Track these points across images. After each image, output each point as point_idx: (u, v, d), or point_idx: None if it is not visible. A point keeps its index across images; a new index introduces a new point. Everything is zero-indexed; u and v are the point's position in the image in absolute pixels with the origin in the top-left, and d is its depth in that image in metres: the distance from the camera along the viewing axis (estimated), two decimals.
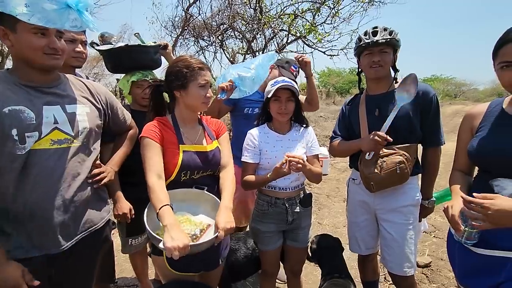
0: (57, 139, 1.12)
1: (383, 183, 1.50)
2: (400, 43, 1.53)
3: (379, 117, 1.56)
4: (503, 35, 1.04)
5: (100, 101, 1.33)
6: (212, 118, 1.55)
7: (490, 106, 1.20)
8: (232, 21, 5.93)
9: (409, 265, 1.56)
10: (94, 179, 1.26)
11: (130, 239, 1.86)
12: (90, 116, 1.25)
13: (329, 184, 4.90)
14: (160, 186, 1.19)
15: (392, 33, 1.48)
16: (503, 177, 1.04)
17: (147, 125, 1.32)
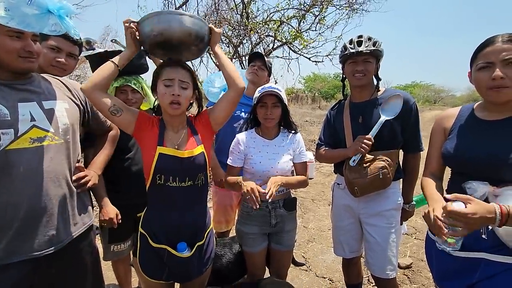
0: (37, 137, 1.08)
1: (366, 188, 1.54)
2: (383, 53, 1.58)
3: (363, 124, 1.61)
4: (485, 40, 1.07)
5: (79, 98, 1.30)
6: None
7: (462, 110, 1.25)
8: (219, 26, 5.95)
9: (391, 267, 1.61)
10: (78, 183, 1.22)
11: (113, 246, 1.82)
12: (70, 112, 1.21)
13: (315, 188, 4.96)
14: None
15: (376, 44, 1.53)
16: (476, 179, 1.08)
17: None
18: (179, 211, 1.29)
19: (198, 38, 1.25)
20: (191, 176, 1.28)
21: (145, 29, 1.21)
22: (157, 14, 1.20)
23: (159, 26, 1.18)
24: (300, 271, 2.60)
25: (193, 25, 1.21)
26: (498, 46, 1.01)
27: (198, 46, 1.30)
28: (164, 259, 1.27)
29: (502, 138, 1.05)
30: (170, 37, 1.20)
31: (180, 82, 1.24)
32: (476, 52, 1.09)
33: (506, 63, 0.99)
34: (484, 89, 1.06)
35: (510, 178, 1.01)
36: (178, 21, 1.19)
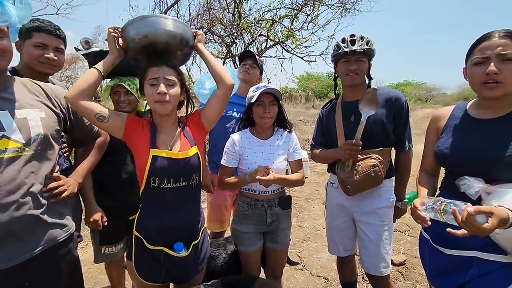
0: (5, 148, 1.02)
1: (359, 186, 1.55)
2: (375, 52, 1.59)
3: (355, 123, 1.61)
4: (482, 35, 1.06)
5: (60, 105, 1.23)
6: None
7: (455, 108, 1.25)
8: (211, 25, 5.92)
9: (385, 265, 1.62)
10: (50, 193, 1.16)
11: (104, 248, 1.79)
12: (46, 121, 1.15)
13: (309, 187, 4.98)
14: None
15: (369, 43, 1.53)
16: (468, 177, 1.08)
17: None
18: (174, 212, 1.28)
19: (183, 42, 1.25)
20: (185, 177, 1.27)
21: (130, 34, 1.20)
22: (142, 17, 1.19)
23: (144, 29, 1.18)
24: (295, 270, 2.60)
25: (177, 28, 1.22)
26: (494, 41, 1.01)
27: (183, 51, 1.30)
28: (161, 260, 1.26)
29: (495, 137, 1.05)
30: (156, 40, 1.19)
31: (166, 80, 1.21)
32: (472, 47, 1.09)
33: (501, 59, 0.99)
34: (477, 84, 1.06)
35: (502, 177, 1.02)
36: (163, 24, 1.19)
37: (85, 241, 3.14)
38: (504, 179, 1.01)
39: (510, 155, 0.99)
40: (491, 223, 0.88)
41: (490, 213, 0.89)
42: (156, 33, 1.18)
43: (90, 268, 2.66)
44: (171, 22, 1.20)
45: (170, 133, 1.30)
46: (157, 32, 1.18)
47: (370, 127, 1.56)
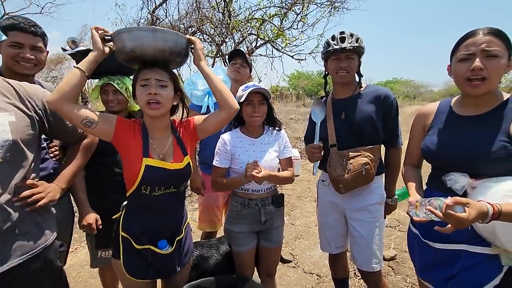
0: None
1: (350, 185, 1.57)
2: (364, 50, 1.60)
3: (345, 120, 1.63)
4: (466, 33, 1.08)
5: (34, 106, 1.11)
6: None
7: (440, 105, 1.27)
8: (201, 24, 5.88)
9: (377, 261, 1.64)
10: (24, 202, 1.06)
11: (100, 251, 1.77)
12: (16, 125, 1.03)
13: (301, 185, 5.01)
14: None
15: (358, 40, 1.54)
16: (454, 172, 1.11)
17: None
18: (162, 215, 1.29)
19: (173, 54, 1.21)
20: (176, 185, 1.29)
21: (117, 45, 1.18)
22: (128, 30, 1.16)
23: (130, 43, 1.15)
24: (288, 268, 2.62)
25: (166, 41, 1.17)
26: (479, 37, 1.03)
27: (175, 60, 1.27)
28: (148, 258, 1.27)
29: (478, 134, 1.08)
30: (143, 54, 1.17)
31: (157, 81, 1.18)
32: (457, 44, 1.10)
33: (485, 55, 1.01)
34: (462, 80, 1.07)
35: (486, 172, 1.04)
36: (150, 38, 1.14)
37: (74, 245, 3.09)
38: (488, 174, 1.04)
39: (493, 151, 1.02)
40: (468, 212, 0.91)
41: (467, 203, 0.93)
42: (143, 47, 1.15)
43: (80, 272, 2.61)
44: (159, 36, 1.15)
45: (162, 139, 1.28)
46: (144, 47, 1.15)
47: (359, 125, 1.58)
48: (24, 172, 1.08)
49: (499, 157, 1.01)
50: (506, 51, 1.01)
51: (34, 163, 1.13)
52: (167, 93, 1.21)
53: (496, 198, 0.97)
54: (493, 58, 1.00)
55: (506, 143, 1.01)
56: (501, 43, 1.01)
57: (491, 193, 0.99)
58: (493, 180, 1.02)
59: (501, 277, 1.02)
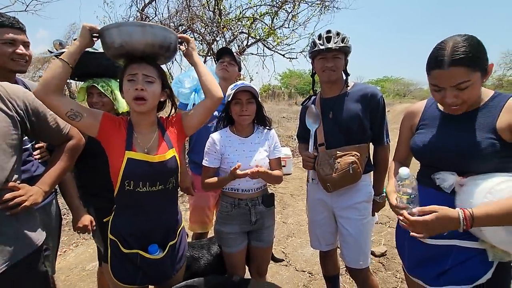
0: None
1: (338, 184, 1.58)
2: (351, 49, 1.61)
3: (333, 119, 1.64)
4: (433, 55, 1.04)
5: (15, 107, 1.08)
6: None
7: (427, 104, 1.29)
8: (191, 22, 5.82)
9: (364, 257, 1.66)
10: (5, 206, 1.02)
11: None
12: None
13: (293, 184, 5.03)
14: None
15: (345, 39, 1.55)
16: (443, 171, 1.13)
17: None
18: (150, 215, 1.26)
19: (162, 48, 1.22)
20: (162, 181, 1.25)
21: (106, 40, 1.17)
22: (117, 25, 1.15)
23: (119, 38, 1.14)
24: (280, 266, 2.63)
25: (156, 36, 1.18)
26: (444, 72, 1.00)
27: (164, 55, 1.27)
28: (137, 263, 1.24)
29: (464, 132, 1.09)
30: (132, 49, 1.17)
31: (144, 77, 1.18)
32: (427, 66, 1.08)
33: (455, 88, 1.01)
34: (442, 104, 1.11)
35: (475, 169, 1.05)
36: (139, 33, 1.15)
37: (62, 248, 3.04)
38: (475, 172, 1.06)
39: (480, 148, 1.03)
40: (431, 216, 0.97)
41: (432, 210, 0.99)
42: (132, 42, 1.15)
43: (69, 275, 2.58)
44: (148, 31, 1.16)
45: (147, 134, 1.27)
46: (133, 42, 1.15)
47: (347, 124, 1.59)
48: (6, 175, 1.04)
49: (486, 154, 1.02)
50: (478, 73, 0.99)
51: (16, 165, 1.09)
52: (154, 89, 1.20)
53: (482, 196, 0.98)
54: (464, 89, 1.01)
55: (492, 140, 1.02)
56: (470, 69, 0.97)
57: (478, 191, 1.00)
58: (481, 178, 1.03)
59: (493, 271, 1.03)
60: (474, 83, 1.00)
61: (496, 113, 1.04)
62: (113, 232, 1.25)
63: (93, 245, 1.83)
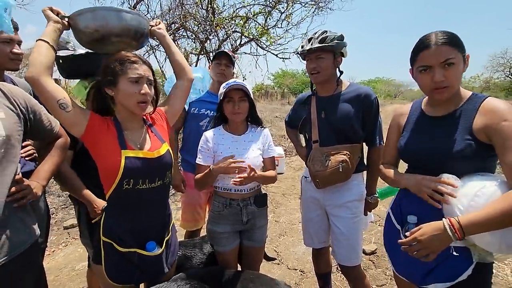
0: None
1: (327, 180, 1.60)
2: (339, 46, 1.57)
3: (325, 119, 1.66)
4: (420, 42, 1.12)
5: (19, 105, 1.14)
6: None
7: (412, 106, 1.33)
8: (184, 20, 5.77)
9: (355, 255, 1.69)
10: (13, 198, 1.08)
11: None
12: (6, 122, 1.06)
13: (285, 183, 5.05)
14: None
15: (325, 39, 1.54)
16: (424, 173, 1.15)
17: None
18: (148, 212, 1.25)
19: (137, 34, 1.23)
20: (160, 176, 1.25)
21: (79, 26, 1.15)
22: (91, 10, 1.14)
23: (95, 23, 1.13)
24: (272, 265, 2.64)
25: (131, 21, 1.18)
26: (434, 50, 1.06)
27: (139, 41, 1.29)
28: (134, 261, 1.22)
29: (445, 133, 1.12)
30: (107, 34, 1.16)
31: (148, 80, 1.19)
32: (414, 52, 1.14)
33: (443, 65, 1.05)
34: (427, 89, 1.13)
35: (455, 170, 1.08)
36: (115, 17, 1.15)
37: (51, 247, 2.99)
38: (457, 173, 1.08)
39: (459, 150, 1.06)
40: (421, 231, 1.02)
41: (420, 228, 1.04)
42: (107, 27, 1.15)
43: (58, 275, 2.53)
44: (124, 15, 1.16)
45: (137, 130, 1.26)
46: (108, 26, 1.15)
47: (339, 124, 1.61)
48: (15, 168, 1.09)
49: (465, 155, 1.05)
50: (460, 54, 1.06)
51: (19, 159, 1.15)
52: (153, 91, 1.23)
53: (465, 202, 1.00)
54: (451, 67, 1.05)
55: (469, 140, 1.05)
56: (455, 49, 1.05)
57: (460, 197, 1.02)
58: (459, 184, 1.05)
59: (473, 267, 1.06)
60: (457, 64, 1.06)
61: (472, 115, 1.08)
62: (107, 234, 1.22)
63: (83, 245, 1.80)
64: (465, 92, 1.15)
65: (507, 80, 30.02)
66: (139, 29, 1.22)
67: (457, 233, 0.96)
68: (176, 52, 1.38)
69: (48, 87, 1.08)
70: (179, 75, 1.39)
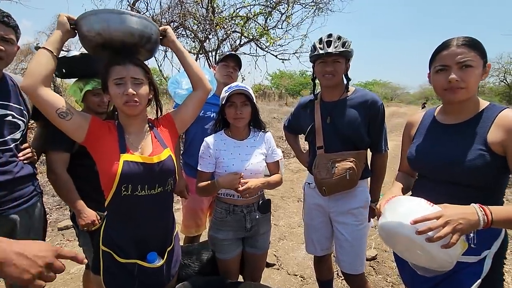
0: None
1: (334, 188, 1.57)
2: (352, 53, 1.58)
3: (331, 124, 1.62)
4: (441, 44, 1.11)
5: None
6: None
7: (425, 115, 1.30)
8: (183, 19, 5.72)
9: (360, 263, 1.66)
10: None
11: None
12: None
13: (284, 185, 5.01)
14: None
15: (345, 44, 1.53)
16: (434, 182, 1.13)
17: None
18: (149, 221, 1.20)
19: (143, 39, 1.16)
20: (161, 182, 1.20)
21: (82, 29, 1.11)
22: (94, 12, 1.09)
23: (96, 26, 1.09)
24: (272, 270, 2.60)
25: (135, 24, 1.12)
26: (453, 50, 1.05)
27: (145, 47, 1.21)
28: (134, 273, 1.17)
29: (458, 142, 1.10)
30: (110, 38, 1.11)
31: (133, 80, 1.13)
32: (434, 54, 1.13)
33: (460, 66, 1.04)
34: (441, 90, 1.11)
35: (465, 181, 1.06)
36: (117, 20, 1.09)
37: None
38: (464, 184, 1.06)
39: (470, 160, 1.03)
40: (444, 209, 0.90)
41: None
42: (110, 30, 1.09)
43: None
44: (127, 19, 1.10)
45: (139, 134, 1.22)
46: (111, 30, 1.09)
47: (345, 130, 1.58)
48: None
49: (476, 166, 1.02)
50: (481, 60, 1.04)
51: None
52: (143, 90, 1.16)
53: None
54: (468, 69, 1.03)
55: (483, 151, 1.02)
56: (475, 53, 1.03)
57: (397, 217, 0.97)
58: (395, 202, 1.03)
59: (479, 282, 1.04)
60: (476, 67, 1.03)
61: (488, 126, 1.05)
62: (106, 243, 1.18)
63: (78, 247, 1.74)
64: (483, 101, 1.12)
65: (501, 85, 30.47)
66: (145, 33, 1.15)
67: (487, 216, 0.87)
68: (192, 63, 1.33)
69: (45, 98, 1.04)
70: (196, 86, 1.35)
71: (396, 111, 22.20)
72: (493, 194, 1.08)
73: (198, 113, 1.40)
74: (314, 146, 1.69)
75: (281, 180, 1.68)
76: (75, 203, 1.50)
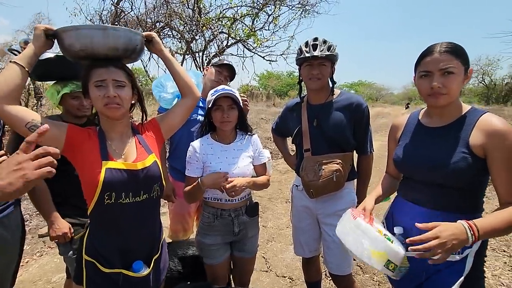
0: None
1: (320, 190, 1.58)
2: (337, 57, 1.60)
3: (317, 127, 1.64)
4: (425, 49, 1.14)
5: None
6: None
7: (410, 117, 1.33)
8: (169, 20, 5.64)
9: (348, 264, 1.68)
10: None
11: None
12: None
13: (272, 187, 5.02)
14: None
15: (331, 48, 1.54)
16: (419, 183, 1.17)
17: None
18: (134, 229, 1.16)
19: (127, 52, 1.15)
20: (146, 189, 1.16)
21: (64, 43, 1.07)
22: (75, 28, 1.06)
23: (79, 42, 1.06)
24: (261, 272, 2.60)
25: (119, 38, 1.09)
26: (435, 57, 1.07)
27: (130, 57, 1.20)
28: (119, 283, 1.13)
29: (441, 145, 1.13)
30: (93, 54, 1.09)
31: (115, 82, 1.09)
32: (419, 59, 1.16)
33: (442, 73, 1.06)
34: (425, 95, 1.14)
35: (448, 182, 1.09)
36: (100, 37, 1.06)
37: (24, 258, 2.79)
38: (448, 186, 1.09)
39: (453, 162, 1.06)
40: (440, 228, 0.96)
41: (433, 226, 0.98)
42: (93, 47, 1.06)
43: None
44: (110, 34, 1.07)
45: (122, 140, 1.18)
46: (93, 46, 1.06)
47: (331, 132, 1.60)
48: None
49: (459, 168, 1.05)
50: (462, 66, 1.07)
51: None
52: (126, 93, 1.12)
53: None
54: (450, 75, 1.06)
55: (465, 154, 1.05)
56: (457, 60, 1.05)
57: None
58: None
59: (462, 280, 1.06)
60: (457, 74, 1.06)
61: (469, 129, 1.08)
62: (89, 253, 1.13)
63: (59, 256, 1.68)
64: (465, 105, 1.15)
65: (480, 86, 31.72)
66: (129, 46, 1.13)
67: (474, 234, 0.94)
68: (181, 70, 1.31)
69: (13, 113, 0.99)
70: (184, 94, 1.33)
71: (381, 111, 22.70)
72: (474, 194, 1.11)
73: (185, 119, 1.38)
74: (301, 148, 1.70)
75: (269, 182, 1.67)
76: (48, 213, 1.45)
